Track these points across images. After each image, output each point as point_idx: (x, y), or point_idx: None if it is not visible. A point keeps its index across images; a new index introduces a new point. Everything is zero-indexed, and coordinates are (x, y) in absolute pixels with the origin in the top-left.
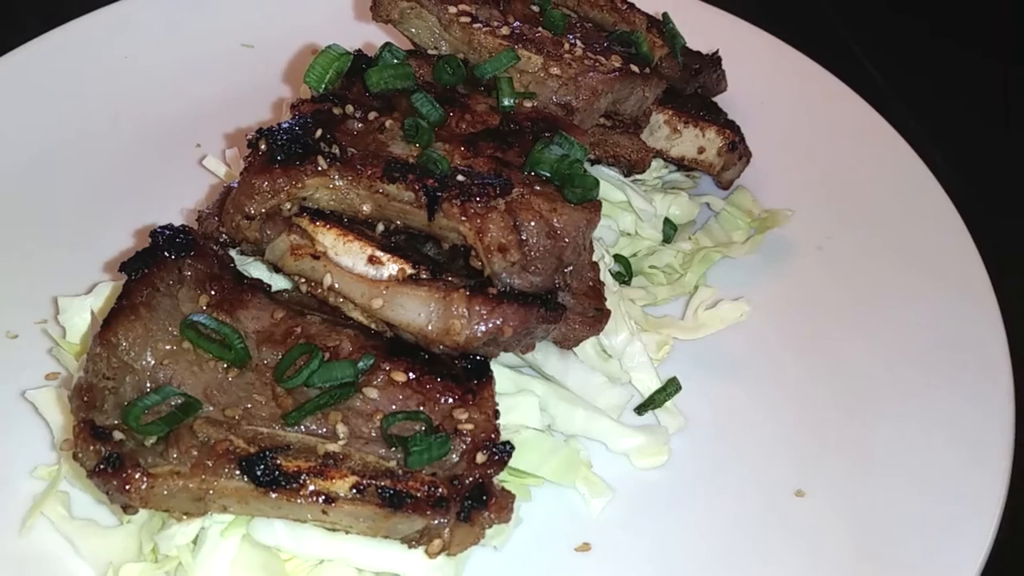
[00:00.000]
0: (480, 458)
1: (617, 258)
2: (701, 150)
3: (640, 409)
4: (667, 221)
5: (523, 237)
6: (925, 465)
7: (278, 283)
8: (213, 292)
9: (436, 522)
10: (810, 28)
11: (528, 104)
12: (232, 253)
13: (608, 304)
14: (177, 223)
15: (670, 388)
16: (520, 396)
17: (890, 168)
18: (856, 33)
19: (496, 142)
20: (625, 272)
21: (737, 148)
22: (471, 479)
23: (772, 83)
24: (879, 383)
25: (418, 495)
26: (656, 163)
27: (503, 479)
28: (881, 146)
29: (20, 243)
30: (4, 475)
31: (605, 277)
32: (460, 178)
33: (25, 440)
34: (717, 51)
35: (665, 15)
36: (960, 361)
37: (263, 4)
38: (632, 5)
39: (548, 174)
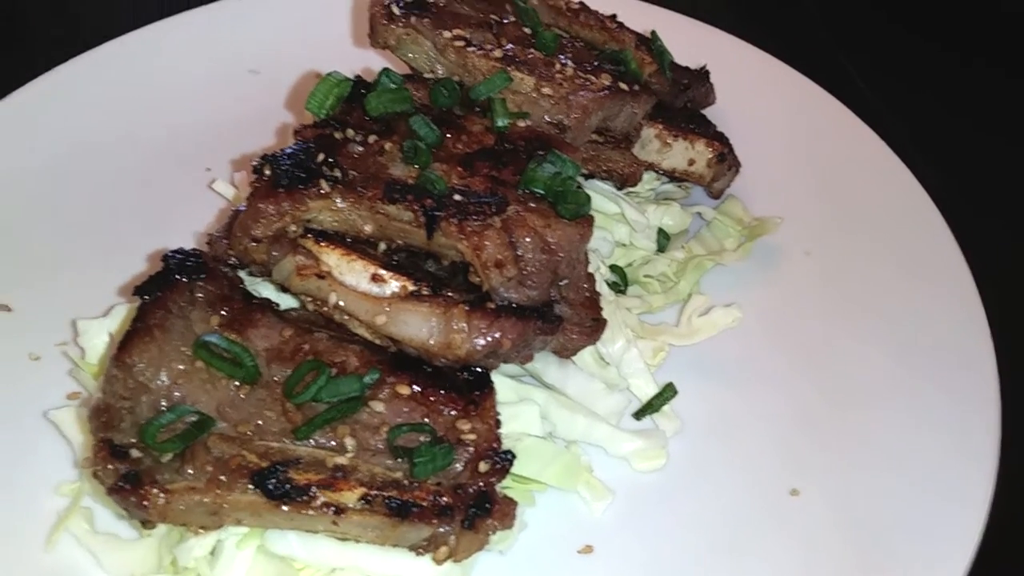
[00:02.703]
0: (483, 467)
1: (613, 268)
2: (691, 162)
3: (638, 414)
4: (660, 231)
5: (519, 253)
6: (915, 462)
7: (286, 302)
8: (224, 312)
9: (442, 530)
10: (794, 39)
11: (522, 123)
12: (241, 274)
13: (604, 313)
14: (189, 245)
15: (667, 393)
16: (522, 405)
17: (874, 173)
18: (841, 42)
19: (491, 161)
20: (621, 282)
21: (726, 159)
22: (474, 488)
23: (759, 95)
24: (868, 383)
25: (424, 504)
26: (648, 175)
27: (507, 485)
28: (866, 152)
29: (40, 267)
30: (29, 492)
31: (601, 287)
32: (457, 197)
33: (49, 458)
34: (705, 66)
35: (653, 33)
36: (947, 360)
37: (267, 33)
38: (621, 24)
39: (542, 191)
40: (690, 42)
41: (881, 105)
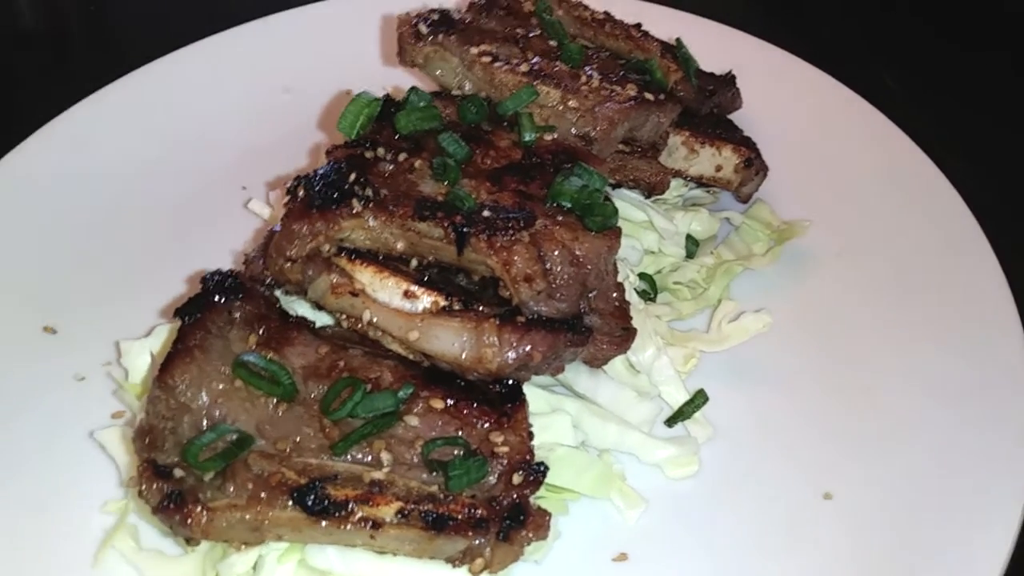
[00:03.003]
0: (516, 479)
1: (642, 276)
2: (719, 168)
3: (670, 421)
4: (689, 237)
5: (547, 267)
6: (949, 465)
7: (321, 319)
8: (261, 331)
9: (477, 542)
10: (820, 39)
11: (548, 137)
12: (277, 293)
13: (634, 322)
14: (226, 264)
15: (698, 400)
16: (554, 415)
17: (904, 174)
18: (869, 42)
19: (519, 176)
20: (650, 289)
21: (753, 164)
22: (508, 500)
23: (785, 97)
24: (901, 386)
25: (459, 517)
26: (676, 182)
27: (540, 495)
28: (895, 153)
29: (83, 290)
30: (77, 511)
31: (630, 296)
32: (486, 213)
33: (95, 476)
34: (731, 71)
35: (678, 40)
36: (981, 361)
37: (299, 54)
38: (646, 33)
39: (569, 205)
40: (714, 46)
41: (908, 102)
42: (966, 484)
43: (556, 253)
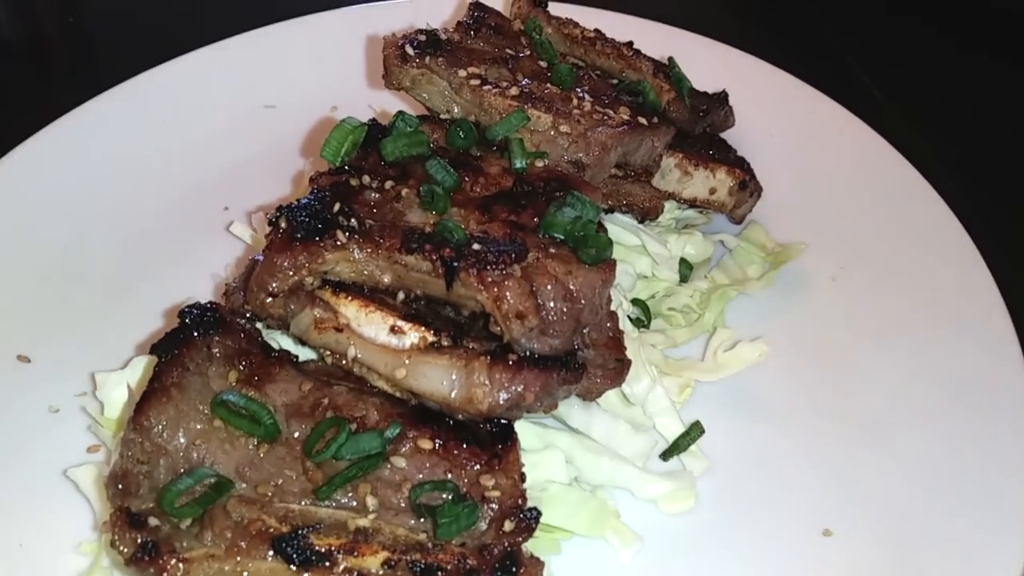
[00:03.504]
0: (508, 526)
1: (635, 302)
2: (713, 191)
3: (665, 455)
4: (683, 261)
5: (540, 302)
6: (950, 499)
7: (305, 352)
8: (242, 367)
9: None
10: (815, 57)
11: (540, 164)
12: (259, 325)
13: (628, 352)
14: (207, 289)
15: (693, 432)
16: (546, 452)
17: (900, 196)
18: (859, 56)
19: (510, 205)
20: (644, 316)
21: (748, 186)
22: (500, 548)
23: (779, 116)
24: (899, 415)
25: (448, 568)
26: (669, 204)
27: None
28: (890, 174)
29: (58, 316)
30: (50, 551)
31: (624, 324)
32: (476, 246)
33: (69, 515)
34: (724, 90)
35: (671, 59)
36: (980, 387)
37: (283, 71)
38: (638, 51)
39: (562, 236)
40: (704, 63)
41: (900, 116)
42: (971, 519)
43: (549, 288)
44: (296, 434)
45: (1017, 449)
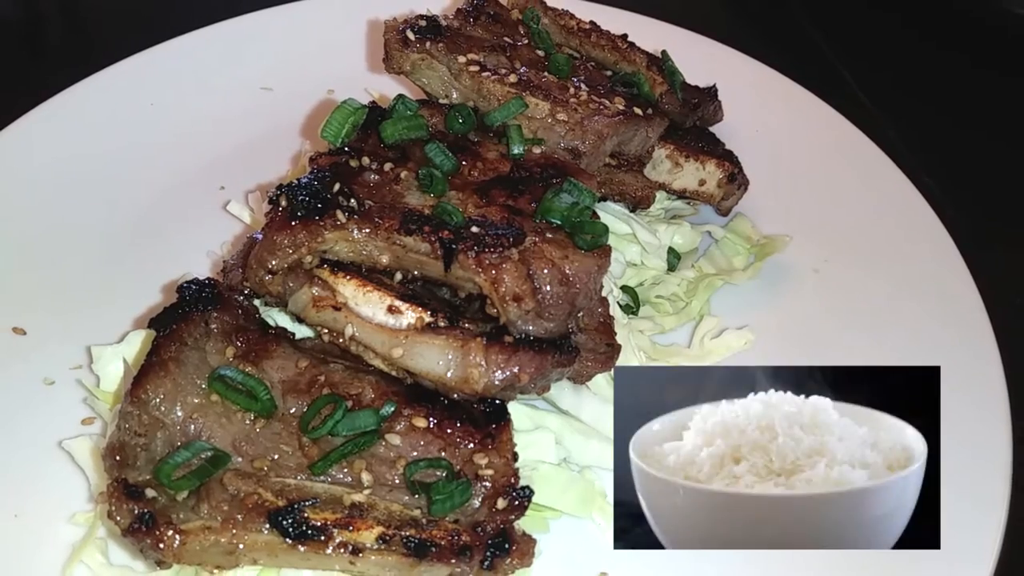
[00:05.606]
0: (501, 504)
1: (625, 289)
2: (702, 182)
3: None
4: (671, 250)
5: (537, 286)
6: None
7: (302, 331)
8: (239, 343)
9: (460, 570)
10: (801, 56)
11: (537, 150)
12: (256, 302)
13: (618, 337)
14: (204, 267)
15: None
16: (537, 433)
17: (881, 192)
18: (845, 58)
19: (508, 190)
20: (633, 303)
21: (736, 179)
22: (493, 526)
23: (766, 111)
24: None
25: (442, 543)
26: (660, 195)
27: None
28: (872, 170)
29: (54, 289)
30: (45, 522)
31: (614, 310)
32: (474, 229)
33: (64, 486)
34: (714, 85)
35: (664, 53)
36: (954, 378)
37: (282, 54)
38: (632, 44)
39: (559, 222)
40: (696, 58)
41: (886, 122)
42: (947, 499)
43: (546, 272)
44: (292, 410)
45: (995, 433)
